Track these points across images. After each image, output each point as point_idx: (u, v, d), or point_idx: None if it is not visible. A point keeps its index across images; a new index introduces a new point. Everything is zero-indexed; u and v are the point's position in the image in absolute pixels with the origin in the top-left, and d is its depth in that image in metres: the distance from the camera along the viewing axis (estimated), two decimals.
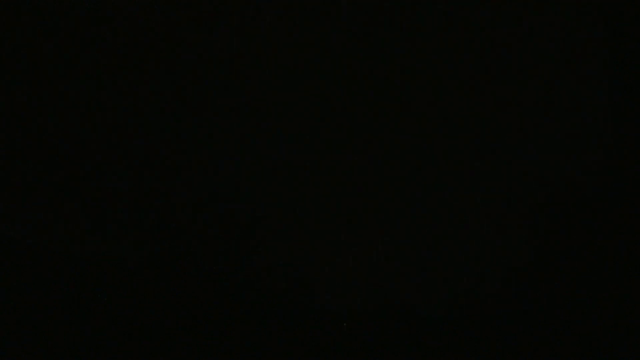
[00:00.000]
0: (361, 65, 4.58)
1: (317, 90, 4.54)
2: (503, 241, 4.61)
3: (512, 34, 4.55)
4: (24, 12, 4.37)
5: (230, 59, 4.54)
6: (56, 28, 4.43)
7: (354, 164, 4.53)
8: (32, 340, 3.69)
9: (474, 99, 4.60)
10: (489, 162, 4.63)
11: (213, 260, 4.29)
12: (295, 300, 4.57)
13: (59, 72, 4.44)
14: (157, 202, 4.44)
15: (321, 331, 4.30)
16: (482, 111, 4.60)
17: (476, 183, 4.63)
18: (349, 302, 4.56)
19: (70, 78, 4.45)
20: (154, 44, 4.48)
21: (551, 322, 4.35)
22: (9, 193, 4.30)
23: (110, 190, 4.39)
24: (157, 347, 3.89)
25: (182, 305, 4.06)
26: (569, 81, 4.59)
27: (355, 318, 4.44)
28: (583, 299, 4.30)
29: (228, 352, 3.95)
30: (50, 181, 4.33)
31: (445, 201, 4.64)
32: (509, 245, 4.62)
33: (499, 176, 4.62)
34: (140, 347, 3.86)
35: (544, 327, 4.27)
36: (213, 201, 4.47)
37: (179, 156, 4.46)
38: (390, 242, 4.60)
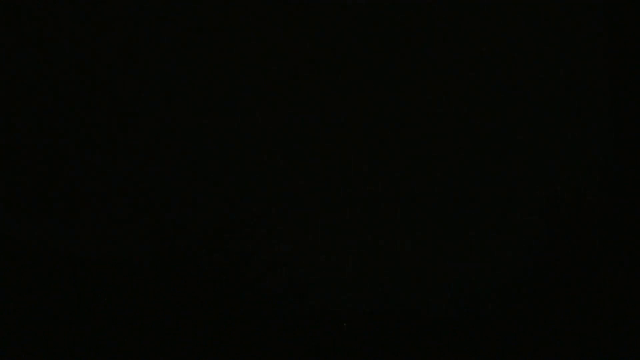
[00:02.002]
0: (363, 66, 4.58)
1: (319, 92, 4.54)
2: (503, 242, 4.61)
3: (513, 34, 4.55)
4: (24, 13, 4.38)
5: (228, 59, 4.54)
6: (56, 29, 4.43)
7: (356, 164, 4.53)
8: (32, 340, 3.69)
9: (477, 101, 4.60)
10: (491, 164, 4.63)
11: (213, 260, 4.29)
12: (295, 300, 4.57)
13: (59, 73, 4.44)
14: (157, 202, 4.44)
15: (321, 331, 4.29)
16: (485, 113, 4.60)
17: (479, 184, 4.63)
18: (348, 302, 4.56)
19: (70, 78, 4.45)
20: (154, 45, 4.49)
21: (551, 322, 4.35)
22: (9, 193, 4.31)
23: (110, 191, 4.39)
24: (157, 347, 3.89)
25: (182, 305, 4.06)
26: (570, 82, 4.59)
27: (355, 318, 4.44)
28: (583, 300, 4.30)
29: (228, 352, 3.95)
30: (50, 181, 4.34)
31: (447, 203, 4.64)
32: (509, 246, 4.62)
33: (501, 179, 4.62)
34: (140, 347, 3.86)
35: (544, 328, 4.27)
36: (213, 201, 4.47)
37: (179, 157, 4.46)
38: (392, 242, 4.59)
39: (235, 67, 4.50)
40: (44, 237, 4.33)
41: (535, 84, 4.57)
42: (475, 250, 4.64)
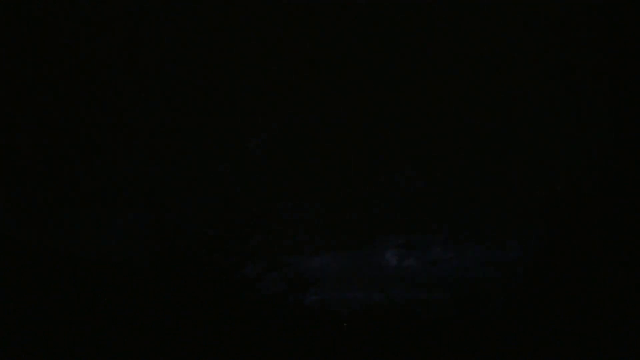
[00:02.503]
0: (363, 66, 4.58)
1: (319, 92, 4.54)
2: (503, 242, 4.61)
3: (514, 34, 4.55)
4: (24, 13, 4.38)
5: (228, 60, 4.54)
6: (56, 29, 4.43)
7: (356, 164, 4.53)
8: (32, 340, 3.69)
9: (477, 101, 4.60)
10: (491, 164, 4.63)
11: (213, 261, 4.29)
12: (295, 300, 4.56)
13: (60, 73, 4.44)
14: (158, 202, 4.44)
15: (321, 331, 4.29)
16: (485, 113, 4.60)
17: (479, 184, 4.63)
18: (348, 302, 4.56)
19: (71, 78, 4.45)
20: (154, 45, 4.48)
21: (551, 322, 4.35)
22: (9, 194, 4.31)
23: (110, 191, 4.39)
24: (157, 347, 3.89)
25: (182, 305, 4.06)
26: (570, 82, 4.59)
27: (355, 318, 4.44)
28: (583, 299, 4.30)
29: (228, 352, 3.95)
30: (50, 182, 4.34)
31: (447, 203, 4.64)
32: (509, 246, 4.62)
33: (499, 178, 4.62)
34: (140, 347, 3.86)
35: (544, 328, 4.27)
36: (213, 202, 4.47)
37: (179, 157, 4.46)
38: (392, 242, 4.60)
39: (235, 67, 4.50)
40: (44, 237, 4.33)
41: (535, 84, 4.57)
42: (475, 250, 4.64)
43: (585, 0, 4.40)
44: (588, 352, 4.02)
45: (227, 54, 4.52)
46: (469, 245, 4.64)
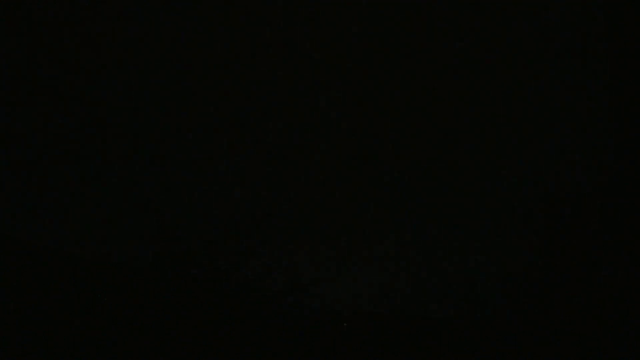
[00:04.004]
0: (362, 67, 4.58)
1: (317, 93, 4.55)
2: (503, 242, 4.61)
3: (514, 33, 4.56)
4: (24, 12, 4.38)
5: (230, 61, 4.54)
6: (56, 28, 4.44)
7: (354, 165, 4.54)
8: (32, 340, 3.69)
9: (477, 101, 4.60)
10: (490, 164, 4.63)
11: (213, 261, 4.29)
12: (295, 300, 4.56)
13: (61, 72, 4.44)
14: (158, 202, 4.44)
15: (321, 331, 4.29)
16: (485, 113, 4.60)
17: (477, 184, 4.64)
18: (348, 302, 4.56)
19: (72, 78, 4.45)
20: (155, 47, 4.49)
21: (551, 322, 4.35)
22: (9, 193, 4.31)
23: (111, 192, 4.39)
24: (157, 347, 3.89)
25: (182, 306, 4.06)
26: (570, 82, 4.60)
27: (355, 318, 4.44)
28: (583, 300, 4.30)
29: (228, 352, 3.95)
30: (50, 181, 4.34)
31: (448, 203, 4.64)
32: (509, 246, 4.62)
33: (499, 178, 4.62)
34: (141, 347, 3.86)
35: (544, 327, 4.27)
36: (214, 202, 4.48)
37: (180, 157, 4.46)
38: (391, 243, 4.60)
39: (234, 71, 4.51)
40: (44, 237, 4.33)
41: (535, 84, 4.57)
42: (475, 251, 4.64)
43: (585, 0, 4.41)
44: (588, 352, 4.02)
45: (226, 55, 4.53)
46: (469, 245, 4.65)
